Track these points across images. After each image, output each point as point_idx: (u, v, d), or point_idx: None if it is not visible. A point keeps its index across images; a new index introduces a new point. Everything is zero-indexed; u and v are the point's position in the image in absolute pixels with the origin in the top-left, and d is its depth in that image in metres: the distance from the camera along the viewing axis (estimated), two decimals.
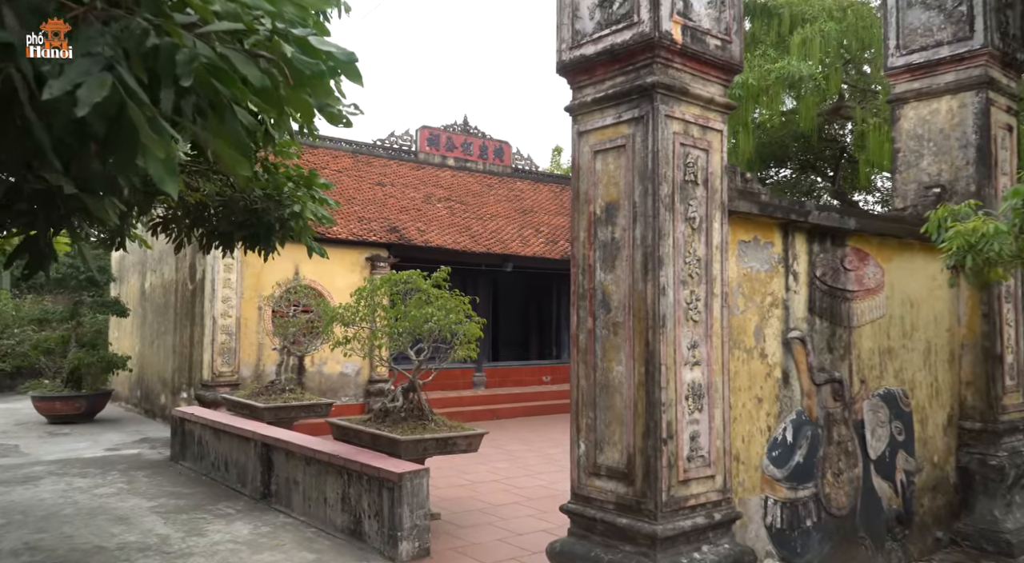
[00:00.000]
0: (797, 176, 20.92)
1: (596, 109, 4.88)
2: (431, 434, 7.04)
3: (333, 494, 7.04)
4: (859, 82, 16.69)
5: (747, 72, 14.37)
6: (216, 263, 12.17)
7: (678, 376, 4.54)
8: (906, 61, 7.60)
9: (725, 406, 4.83)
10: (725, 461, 4.80)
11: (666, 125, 4.57)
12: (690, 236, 4.68)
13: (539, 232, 17.71)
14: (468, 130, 19.50)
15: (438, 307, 7.29)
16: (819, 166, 20.49)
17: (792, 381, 5.58)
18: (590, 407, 4.82)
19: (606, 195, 4.81)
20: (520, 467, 10.12)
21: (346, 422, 7.65)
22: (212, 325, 12.20)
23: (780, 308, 5.54)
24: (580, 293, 4.96)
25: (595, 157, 4.90)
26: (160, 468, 10.04)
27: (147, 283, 15.64)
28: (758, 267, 5.41)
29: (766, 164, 19.18)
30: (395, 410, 7.51)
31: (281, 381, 10.25)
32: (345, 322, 7.68)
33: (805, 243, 5.78)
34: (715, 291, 4.81)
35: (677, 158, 4.62)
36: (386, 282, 7.66)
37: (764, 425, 5.35)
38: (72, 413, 13.85)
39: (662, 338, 4.45)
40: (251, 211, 5.10)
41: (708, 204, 4.81)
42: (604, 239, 4.81)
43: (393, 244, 14.52)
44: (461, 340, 7.48)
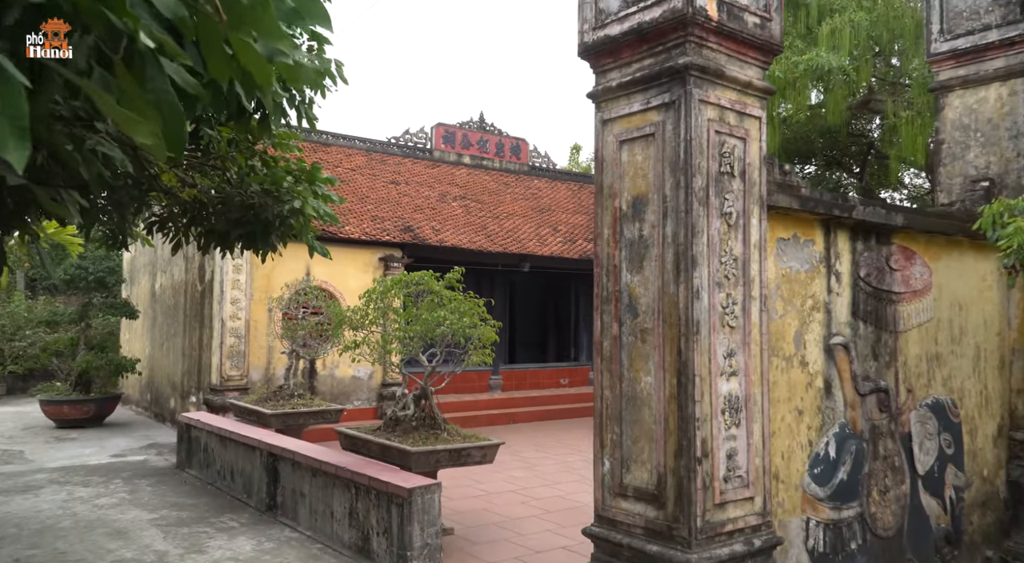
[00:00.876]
0: (822, 173, 20.33)
1: (622, 95, 4.46)
2: (443, 445, 6.64)
3: (340, 508, 6.65)
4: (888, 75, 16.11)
5: (773, 64, 13.83)
6: (225, 264, 11.84)
7: (713, 388, 4.10)
8: (951, 47, 7.10)
9: (764, 420, 4.39)
10: (765, 481, 4.36)
11: (700, 111, 4.14)
12: (726, 233, 4.25)
13: (557, 231, 17.28)
14: (484, 127, 19.10)
15: (451, 310, 6.88)
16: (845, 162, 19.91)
17: (835, 391, 5.12)
18: (615, 421, 4.40)
19: (633, 188, 4.38)
20: (537, 476, 9.70)
21: (354, 431, 7.26)
22: (221, 327, 11.87)
23: (821, 312, 5.08)
24: (604, 296, 4.54)
25: (621, 147, 4.47)
26: (165, 476, 9.71)
27: (157, 284, 15.36)
28: (798, 267, 4.96)
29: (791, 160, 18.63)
30: (406, 419, 7.11)
31: (290, 386, 9.89)
32: (354, 326, 7.30)
33: (848, 241, 5.32)
34: (753, 294, 4.37)
35: (712, 147, 4.19)
36: (397, 284, 7.26)
37: (805, 440, 4.90)
38: (80, 417, 13.58)
39: (696, 346, 4.02)
40: (247, 208, 4.71)
41: (745, 198, 4.37)
42: (631, 237, 4.38)
43: (407, 244, 14.14)
44: (476, 344, 7.07)
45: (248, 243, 4.95)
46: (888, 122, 15.00)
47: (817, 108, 15.90)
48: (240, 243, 4.98)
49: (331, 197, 4.97)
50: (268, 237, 4.79)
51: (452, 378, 7.52)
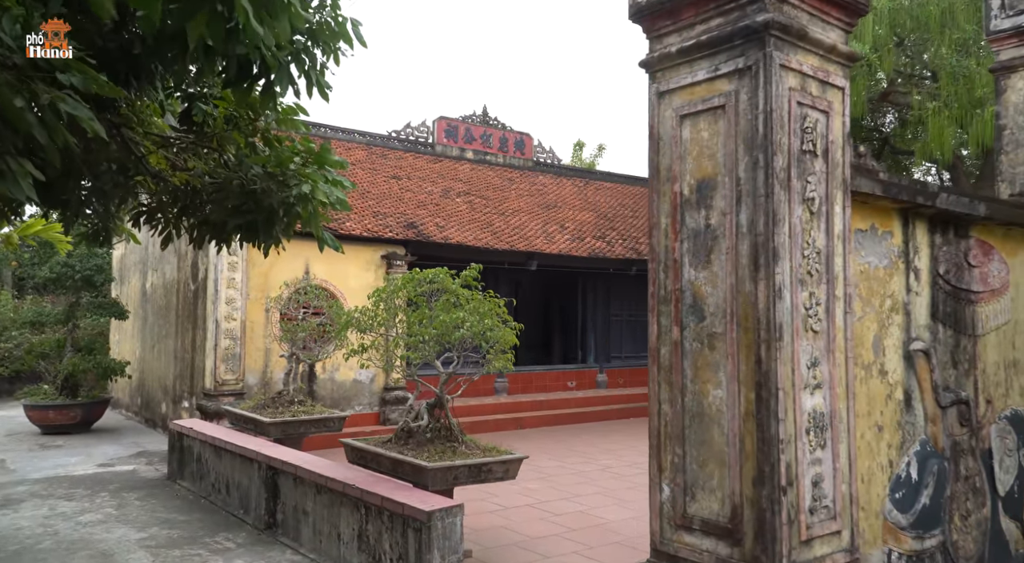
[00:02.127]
0: None
1: (683, 62, 3.85)
2: (462, 460, 6.01)
3: (348, 530, 6.02)
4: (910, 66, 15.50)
5: None
6: (219, 261, 11.18)
7: (797, 404, 3.49)
8: (1014, 23, 6.50)
9: (851, 440, 3.78)
10: (852, 511, 3.75)
11: (781, 78, 3.52)
12: (808, 222, 3.64)
13: (564, 228, 16.66)
14: (488, 121, 18.47)
15: (470, 311, 6.26)
16: None
17: (914, 403, 4.52)
18: (676, 441, 3.78)
19: (698, 170, 3.77)
20: (554, 488, 9.08)
21: (363, 444, 6.63)
22: (215, 329, 11.20)
23: (900, 313, 4.47)
24: (661, 295, 3.92)
25: (682, 123, 3.85)
26: (155, 489, 9.05)
27: (148, 283, 14.68)
28: (876, 263, 4.35)
29: None
30: (419, 430, 6.49)
31: (289, 391, 9.24)
32: (362, 328, 6.67)
33: (927, 234, 4.71)
34: (836, 293, 3.76)
35: (793, 121, 3.58)
36: (409, 282, 6.64)
37: (885, 460, 4.29)
38: (67, 423, 12.90)
39: (779, 354, 3.41)
40: (247, 194, 4.08)
41: (828, 181, 3.76)
42: (695, 227, 3.77)
43: (411, 241, 13.50)
44: (495, 348, 6.45)
45: (248, 235, 4.32)
46: (913, 114, 14.39)
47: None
48: (238, 235, 4.35)
49: (343, 182, 4.34)
50: (271, 228, 4.16)
51: (448, 378, 6.86)
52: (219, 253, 11.12)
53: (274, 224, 4.14)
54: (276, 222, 4.13)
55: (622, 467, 10.49)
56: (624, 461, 10.97)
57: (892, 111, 16.83)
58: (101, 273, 13.36)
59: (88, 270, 13.04)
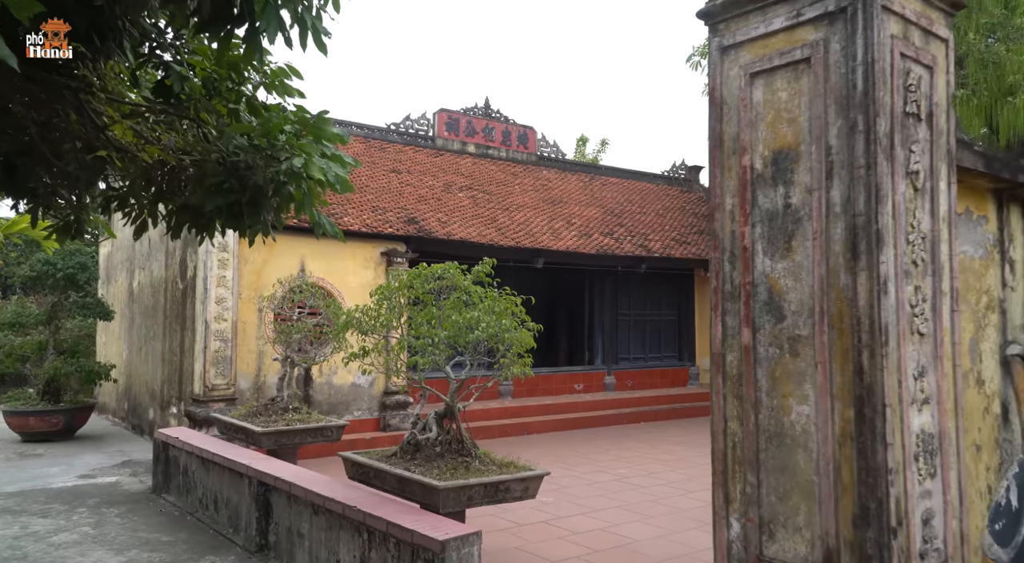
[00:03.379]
0: None
1: (754, 8, 3.19)
2: (477, 478, 5.35)
3: (349, 556, 5.35)
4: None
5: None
6: (209, 258, 10.49)
7: (906, 423, 2.83)
8: None
9: (960, 466, 3.12)
10: (963, 553, 3.09)
11: (883, 23, 2.86)
12: (912, 200, 2.98)
13: (571, 224, 16.00)
14: (490, 114, 17.79)
15: (485, 310, 5.59)
16: None
17: (1012, 418, 3.86)
18: (749, 467, 3.12)
19: (774, 139, 3.11)
20: (570, 501, 8.42)
21: (365, 458, 5.97)
22: (204, 330, 10.51)
23: (996, 312, 3.82)
24: (728, 290, 3.26)
25: (752, 83, 3.19)
26: (138, 503, 8.37)
27: (135, 282, 13.97)
28: (971, 252, 3.70)
29: None
30: (427, 443, 5.83)
31: (283, 398, 8.57)
32: (363, 330, 6.00)
33: (1021, 219, 4.06)
34: (943, 287, 3.10)
35: (896, 76, 2.92)
36: (416, 278, 5.97)
37: (984, 485, 3.64)
38: (48, 430, 12.20)
39: (885, 363, 2.75)
40: (229, 170, 3.41)
41: (933, 152, 3.10)
42: (770, 207, 3.11)
43: (412, 237, 12.82)
44: (512, 352, 5.79)
45: (231, 221, 3.64)
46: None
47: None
48: (221, 222, 3.67)
49: (343, 158, 3.66)
50: (258, 211, 3.49)
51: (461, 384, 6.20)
52: (202, 245, 10.44)
53: (261, 206, 3.47)
54: (263, 203, 3.46)
55: (639, 477, 9.84)
56: (640, 469, 10.32)
57: None
58: (85, 271, 12.65)
59: (71, 268, 12.33)
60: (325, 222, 3.61)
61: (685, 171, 21.80)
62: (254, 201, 3.39)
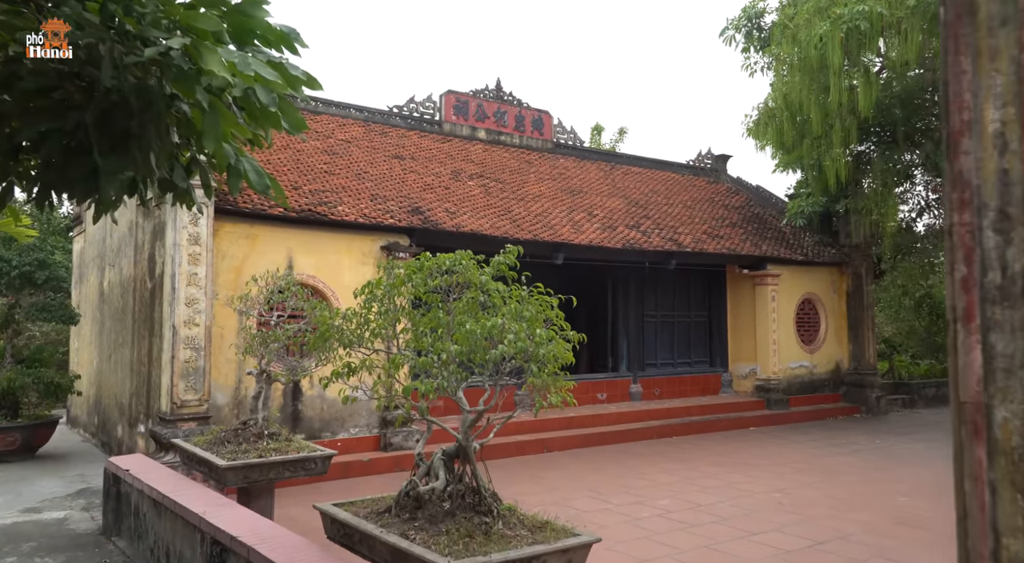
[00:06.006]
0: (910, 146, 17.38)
1: None
2: (502, 554, 3.79)
3: None
4: None
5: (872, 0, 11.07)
6: (177, 252, 8.96)
7: None
8: None
9: None
10: None
11: None
12: None
13: (593, 216, 14.43)
14: (502, 97, 16.26)
15: (511, 315, 4.04)
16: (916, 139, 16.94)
17: None
18: None
19: None
20: (611, 550, 6.83)
21: (348, 516, 4.42)
22: (172, 337, 8.99)
23: None
24: (998, 284, 1.68)
25: None
26: (83, 550, 6.86)
27: (105, 281, 12.46)
28: None
29: (885, 128, 15.67)
30: (433, 497, 4.27)
31: (258, 421, 7.03)
32: (346, 342, 4.45)
33: None
34: None
35: None
36: (417, 272, 4.43)
37: None
38: (3, 449, 10.72)
39: None
40: (64, 74, 1.85)
41: None
42: None
43: (416, 228, 11.29)
44: (546, 371, 4.22)
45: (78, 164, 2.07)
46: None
47: (933, 60, 13.04)
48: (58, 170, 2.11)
49: (286, 69, 2.09)
50: (123, 145, 1.92)
51: (469, 394, 4.69)
52: (176, 243, 8.92)
53: (128, 137, 1.90)
54: (132, 132, 1.89)
55: (685, 511, 8.26)
56: (684, 501, 8.74)
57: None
58: (44, 269, 11.12)
59: (27, 265, 10.84)
60: (246, 166, 2.06)
61: (712, 160, 20.23)
62: (108, 123, 1.84)
